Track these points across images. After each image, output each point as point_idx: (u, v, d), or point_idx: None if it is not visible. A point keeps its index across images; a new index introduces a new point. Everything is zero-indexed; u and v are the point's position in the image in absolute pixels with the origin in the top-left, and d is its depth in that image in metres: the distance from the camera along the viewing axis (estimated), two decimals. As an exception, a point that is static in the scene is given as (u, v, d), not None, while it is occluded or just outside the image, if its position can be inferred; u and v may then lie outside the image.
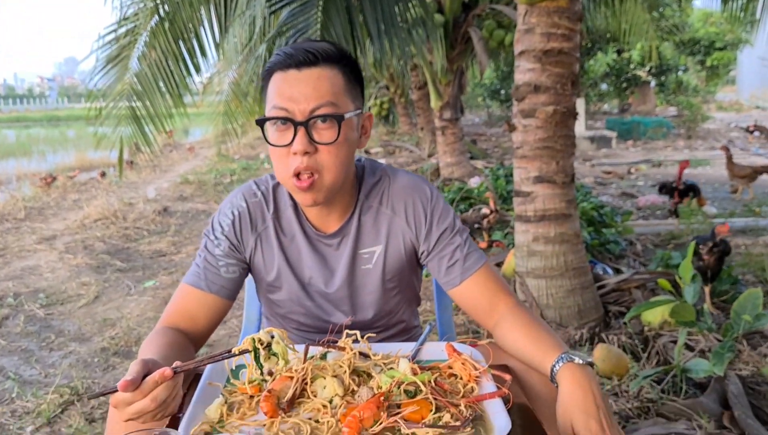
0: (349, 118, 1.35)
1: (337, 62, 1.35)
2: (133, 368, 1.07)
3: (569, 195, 3.62)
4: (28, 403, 3.06)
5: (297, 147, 1.30)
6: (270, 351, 1.21)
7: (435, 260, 1.50)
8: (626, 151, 13.87)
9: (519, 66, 3.59)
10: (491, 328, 1.46)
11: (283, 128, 1.32)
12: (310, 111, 1.30)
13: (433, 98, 8.78)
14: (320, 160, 1.33)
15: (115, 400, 1.06)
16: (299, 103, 1.30)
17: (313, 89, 1.31)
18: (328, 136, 1.32)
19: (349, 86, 1.36)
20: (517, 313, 1.41)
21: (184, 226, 7.41)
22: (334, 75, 1.33)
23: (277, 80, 1.34)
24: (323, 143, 1.31)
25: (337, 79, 1.34)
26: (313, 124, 1.31)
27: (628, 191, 8.62)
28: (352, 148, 1.39)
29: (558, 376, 1.22)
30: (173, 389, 1.08)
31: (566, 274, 3.60)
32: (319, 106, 1.30)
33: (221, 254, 1.47)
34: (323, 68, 1.33)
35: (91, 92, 5.11)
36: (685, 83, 21.34)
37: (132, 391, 1.04)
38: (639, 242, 5.39)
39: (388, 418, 1.10)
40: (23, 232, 7.14)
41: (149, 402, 1.05)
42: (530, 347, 1.32)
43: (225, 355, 1.19)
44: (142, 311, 4.41)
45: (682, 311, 2.78)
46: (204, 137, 20.02)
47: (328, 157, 1.33)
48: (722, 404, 2.68)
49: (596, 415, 1.13)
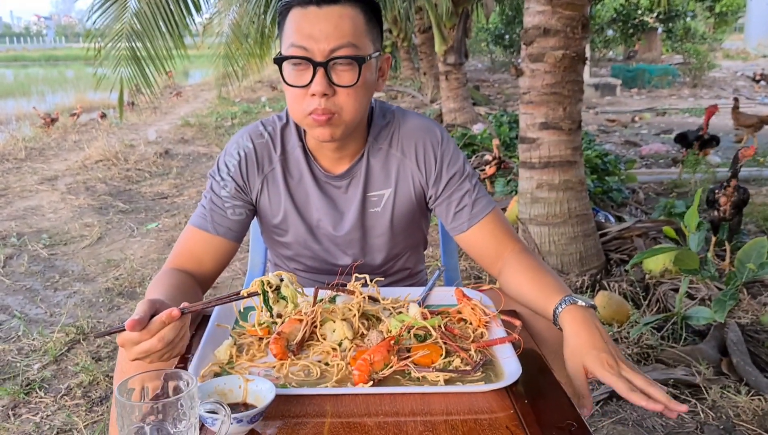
0: (369, 61, 1.31)
1: (359, 0, 1.30)
2: (140, 308, 1.06)
3: (575, 142, 3.58)
4: (35, 341, 3.10)
5: (316, 88, 1.27)
6: (279, 294, 1.20)
7: (443, 205, 1.49)
8: (630, 99, 13.72)
9: (528, 8, 3.51)
10: (496, 274, 1.45)
11: (301, 68, 1.29)
12: (330, 50, 1.26)
13: (437, 42, 8.63)
14: (338, 102, 1.30)
15: (122, 339, 1.06)
16: (319, 42, 1.26)
17: (334, 28, 1.26)
18: (348, 79, 1.28)
19: (369, 26, 1.32)
20: (522, 258, 1.40)
21: (185, 169, 7.38)
22: (355, 14, 1.29)
23: (295, 16, 1.29)
24: (343, 86, 1.28)
25: (358, 18, 1.29)
26: (332, 66, 1.27)
27: (631, 139, 8.56)
28: (371, 90, 1.36)
29: (561, 318, 1.21)
30: (180, 330, 1.08)
31: (569, 221, 3.59)
32: (340, 46, 1.26)
33: (227, 196, 1.46)
34: (344, 6, 1.28)
35: (89, 32, 5.01)
36: (693, 30, 20.96)
37: (139, 330, 1.03)
38: (642, 191, 5.38)
39: (398, 362, 1.10)
40: (24, 173, 7.12)
41: (156, 342, 1.04)
42: (534, 291, 1.31)
43: (233, 297, 1.18)
44: (145, 253, 4.42)
45: (685, 259, 2.78)
46: (204, 80, 19.76)
47: (347, 100, 1.30)
48: (721, 351, 2.72)
49: (606, 349, 1.13)
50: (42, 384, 2.72)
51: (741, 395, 2.41)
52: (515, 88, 3.74)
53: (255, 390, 1.02)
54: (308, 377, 1.11)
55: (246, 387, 1.03)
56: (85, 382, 2.70)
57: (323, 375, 1.12)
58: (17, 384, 2.69)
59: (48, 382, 2.74)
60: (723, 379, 2.55)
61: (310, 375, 1.12)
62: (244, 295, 1.19)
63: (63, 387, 2.69)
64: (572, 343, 1.17)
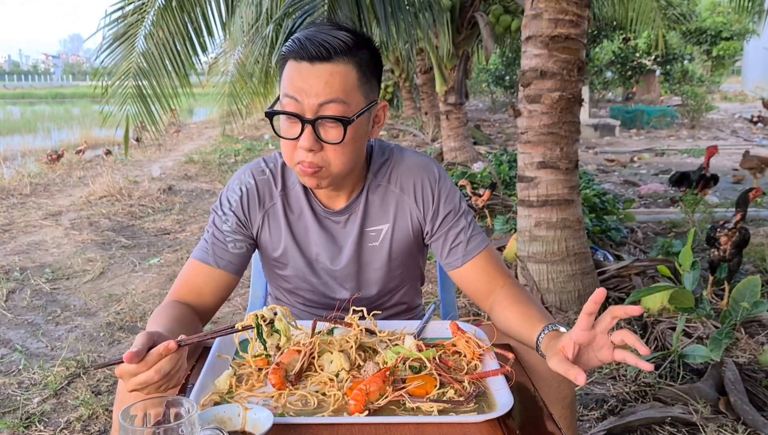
0: (359, 119, 1.33)
1: (354, 55, 1.32)
2: (138, 340, 1.09)
3: (572, 181, 3.64)
4: (35, 375, 3.11)
5: (303, 144, 1.31)
6: (272, 327, 1.24)
7: (439, 241, 1.53)
8: (629, 139, 13.85)
9: (526, 51, 3.60)
10: (488, 309, 1.49)
11: (291, 120, 1.33)
12: (319, 105, 1.29)
13: (438, 82, 8.78)
14: (326, 157, 1.34)
15: (120, 371, 1.08)
16: (309, 96, 1.29)
17: (324, 85, 1.29)
18: (335, 136, 1.31)
19: (363, 80, 1.34)
20: (511, 292, 1.44)
21: (188, 205, 7.44)
22: (347, 71, 1.31)
23: (290, 69, 1.32)
24: (329, 142, 1.32)
25: (350, 75, 1.31)
26: (320, 123, 1.31)
27: (630, 179, 8.63)
28: (361, 142, 1.39)
29: (543, 344, 1.25)
30: (177, 362, 1.10)
31: (567, 259, 3.63)
32: (329, 101, 1.29)
33: (229, 230, 1.50)
34: (336, 64, 1.30)
35: (96, 70, 5.12)
36: (690, 72, 21.25)
37: (137, 362, 1.06)
38: (640, 230, 5.42)
39: (393, 393, 1.13)
40: (29, 208, 7.18)
41: (153, 374, 1.07)
42: (519, 322, 1.35)
43: (228, 330, 1.22)
44: (146, 287, 4.45)
45: (680, 297, 2.81)
46: (208, 117, 19.98)
47: (334, 155, 1.34)
48: (719, 390, 2.72)
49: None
50: (42, 418, 2.72)
51: (738, 434, 2.41)
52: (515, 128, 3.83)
53: (253, 418, 1.05)
54: (306, 407, 1.14)
55: (245, 415, 1.06)
56: (85, 416, 2.71)
57: (320, 404, 1.14)
58: (17, 417, 2.70)
59: (48, 416, 2.75)
60: (721, 418, 2.55)
61: (308, 404, 1.14)
62: (239, 328, 1.22)
63: (62, 421, 2.70)
64: (550, 345, 1.21)
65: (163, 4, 4.63)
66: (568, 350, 1.14)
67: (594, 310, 1.13)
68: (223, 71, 8.20)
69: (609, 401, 2.69)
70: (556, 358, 1.14)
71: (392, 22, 4.06)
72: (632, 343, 1.11)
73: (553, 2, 3.44)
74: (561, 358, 1.14)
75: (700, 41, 21.52)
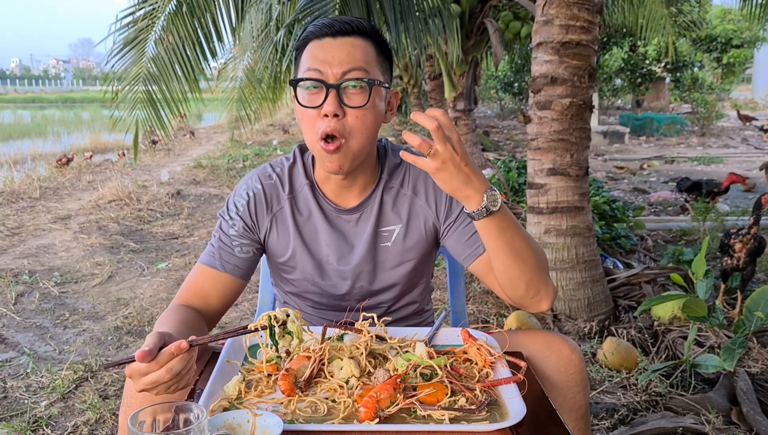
0: (379, 87, 1.38)
1: (371, 36, 1.41)
2: (149, 340, 1.09)
3: (582, 188, 3.62)
4: (43, 378, 3.11)
5: (327, 108, 1.34)
6: (285, 329, 1.23)
7: (455, 234, 1.50)
8: (639, 146, 13.81)
9: (536, 57, 3.59)
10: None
11: (315, 91, 1.36)
12: (343, 73, 1.34)
13: (447, 89, 8.78)
14: (348, 124, 1.36)
15: (130, 370, 1.08)
16: (332, 66, 1.34)
17: (347, 54, 1.36)
18: (358, 100, 1.35)
19: (380, 58, 1.42)
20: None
21: (196, 210, 7.45)
22: (367, 45, 1.39)
23: (312, 47, 1.39)
24: (353, 106, 1.35)
25: (369, 49, 1.39)
26: (344, 89, 1.35)
27: (640, 187, 8.60)
28: (379, 119, 1.41)
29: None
30: (188, 362, 1.10)
31: (577, 266, 3.61)
32: (352, 69, 1.35)
33: (236, 235, 1.50)
34: (357, 38, 1.38)
35: (107, 75, 5.15)
36: (700, 80, 21.17)
37: (149, 361, 1.06)
38: (650, 238, 5.38)
39: (404, 400, 1.12)
40: (38, 211, 7.21)
41: (164, 373, 1.07)
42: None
43: (241, 330, 1.21)
44: (154, 292, 4.45)
45: (693, 306, 2.78)
46: (217, 122, 20.06)
47: (356, 122, 1.36)
48: (731, 400, 2.69)
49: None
50: (49, 421, 2.72)
51: (751, 445, 2.38)
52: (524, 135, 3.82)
53: (263, 425, 1.04)
54: (315, 413, 1.13)
55: (254, 421, 1.05)
56: (92, 419, 2.70)
57: (330, 411, 1.13)
58: (24, 421, 2.70)
59: (55, 420, 2.74)
60: (733, 429, 2.52)
61: (318, 411, 1.13)
62: (251, 329, 1.21)
63: (69, 425, 2.69)
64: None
65: (173, 9, 4.65)
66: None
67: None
68: (232, 76, 8.22)
69: (620, 410, 2.66)
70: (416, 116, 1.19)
71: (402, 28, 4.06)
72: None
73: (564, 8, 3.43)
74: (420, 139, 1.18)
75: (710, 48, 21.47)
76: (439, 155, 1.17)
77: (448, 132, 1.17)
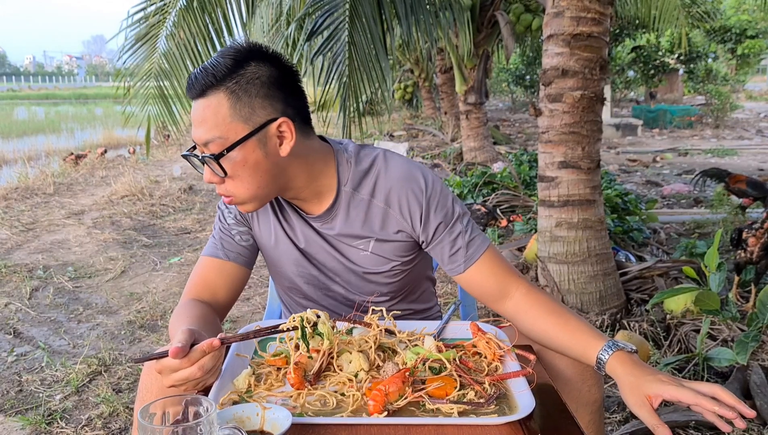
0: (241, 147, 1.28)
1: (225, 82, 1.27)
2: (180, 336, 1.10)
3: (594, 181, 3.60)
4: (57, 372, 3.14)
5: (205, 178, 1.34)
6: (315, 330, 1.24)
7: (437, 249, 1.46)
8: (652, 139, 13.71)
9: (547, 50, 3.57)
10: (506, 312, 1.43)
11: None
12: (202, 144, 1.30)
13: (458, 82, 8.75)
14: (228, 188, 1.34)
15: (161, 366, 1.09)
16: (195, 135, 1.31)
17: (200, 122, 1.29)
18: (219, 173, 1.31)
19: (237, 106, 1.27)
20: (535, 298, 1.38)
21: (208, 205, 7.49)
22: (218, 102, 1.27)
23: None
24: (219, 177, 1.32)
25: (221, 106, 1.27)
26: (207, 160, 1.31)
27: (652, 179, 8.54)
28: (261, 166, 1.32)
29: (610, 364, 1.22)
30: (219, 359, 1.12)
31: (588, 260, 3.59)
32: (206, 142, 1.29)
33: (233, 222, 1.53)
34: (208, 97, 1.27)
35: (119, 71, 5.17)
36: (714, 71, 20.95)
37: (181, 358, 1.07)
38: (663, 231, 5.35)
39: (413, 393, 1.12)
40: (52, 207, 7.27)
41: (196, 370, 1.08)
42: (563, 335, 1.32)
43: (272, 330, 1.24)
44: (167, 286, 4.48)
45: (706, 299, 2.77)
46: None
47: (232, 186, 1.33)
48: (744, 394, 2.67)
49: (661, 374, 1.16)
50: (63, 414, 2.75)
51: (764, 438, 2.37)
52: (535, 128, 3.82)
53: (272, 418, 1.05)
54: (324, 407, 1.13)
55: (263, 415, 1.05)
56: (106, 413, 2.73)
57: (339, 405, 1.14)
58: (39, 414, 2.73)
59: (69, 413, 2.77)
60: (746, 422, 2.51)
61: (327, 405, 1.14)
62: (283, 329, 1.22)
63: (84, 418, 2.72)
64: (630, 381, 1.18)
65: (184, 4, 4.66)
66: (655, 402, 1.14)
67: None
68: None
69: (631, 404, 2.65)
70: (645, 409, 1.15)
71: (413, 21, 4.05)
72: (729, 402, 1.10)
73: (575, 0, 3.41)
74: (649, 410, 1.14)
75: (724, 39, 21.19)
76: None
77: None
